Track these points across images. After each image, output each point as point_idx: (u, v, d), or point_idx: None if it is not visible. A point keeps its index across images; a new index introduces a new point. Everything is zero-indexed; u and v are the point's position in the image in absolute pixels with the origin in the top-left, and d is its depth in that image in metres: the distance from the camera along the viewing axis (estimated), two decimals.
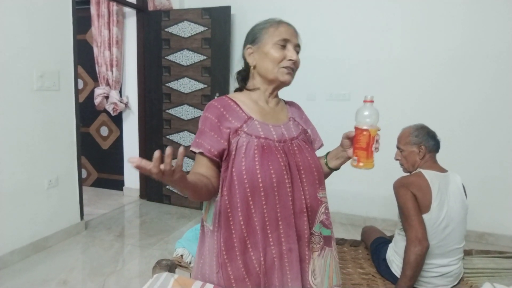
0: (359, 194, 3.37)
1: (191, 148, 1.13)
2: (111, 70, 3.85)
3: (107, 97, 3.92)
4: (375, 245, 2.02)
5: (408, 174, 1.85)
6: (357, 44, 3.28)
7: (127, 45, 3.93)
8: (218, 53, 3.53)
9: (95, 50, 3.90)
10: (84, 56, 3.98)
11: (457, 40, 3.00)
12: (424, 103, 3.12)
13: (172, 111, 3.79)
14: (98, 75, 3.94)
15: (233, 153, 1.09)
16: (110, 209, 3.74)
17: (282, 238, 1.09)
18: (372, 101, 1.08)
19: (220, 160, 1.11)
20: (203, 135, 1.12)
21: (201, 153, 1.10)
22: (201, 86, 3.63)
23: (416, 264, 1.62)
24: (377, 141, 1.09)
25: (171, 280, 1.07)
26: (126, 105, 3.99)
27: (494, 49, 2.91)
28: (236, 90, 1.27)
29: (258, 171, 1.06)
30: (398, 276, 1.72)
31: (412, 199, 1.67)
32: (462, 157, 2.99)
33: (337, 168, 1.26)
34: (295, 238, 1.10)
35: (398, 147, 1.90)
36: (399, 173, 1.89)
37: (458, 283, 1.79)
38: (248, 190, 1.06)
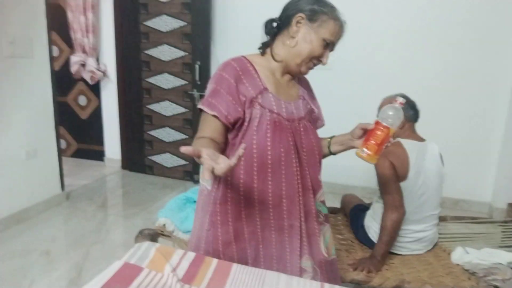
0: (340, 163, 3.41)
1: (201, 106, 1.06)
2: (87, 37, 3.70)
3: (84, 65, 3.79)
4: (353, 212, 2.08)
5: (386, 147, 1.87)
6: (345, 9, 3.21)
7: (103, 10, 3.76)
8: (198, 19, 3.42)
9: (70, 15, 3.72)
10: (58, 22, 3.79)
11: (447, 7, 2.98)
12: (405, 73, 3.13)
13: (151, 80, 3.70)
14: (73, 42, 3.78)
15: (246, 124, 1.06)
16: (92, 179, 3.70)
17: (285, 214, 1.11)
18: (402, 104, 1.08)
19: (232, 127, 1.07)
20: (218, 96, 1.05)
21: (214, 116, 1.04)
22: (181, 53, 3.54)
23: (392, 230, 1.68)
24: (389, 141, 1.09)
25: (152, 249, 1.07)
26: (104, 73, 3.86)
27: (480, 20, 2.91)
28: (259, 49, 1.18)
29: (269, 148, 1.05)
30: (375, 242, 1.78)
31: (390, 168, 1.70)
32: (441, 126, 3.04)
33: (336, 153, 1.27)
34: (298, 216, 1.12)
35: (378, 117, 1.91)
36: None
37: (433, 247, 1.86)
38: (255, 164, 1.06)
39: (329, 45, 1.11)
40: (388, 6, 3.11)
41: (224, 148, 1.10)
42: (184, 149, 0.79)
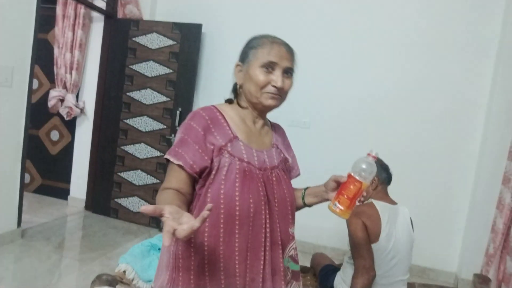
0: (311, 222, 3.40)
1: (167, 156, 1.03)
2: (70, 73, 3.70)
3: (62, 100, 3.75)
4: (323, 272, 2.03)
5: (360, 203, 1.89)
6: (321, 74, 3.38)
7: (91, 49, 3.81)
8: (185, 68, 3.51)
9: (56, 51, 3.75)
10: (43, 56, 3.80)
11: (410, 75, 3.19)
12: (379, 137, 3.26)
13: (130, 121, 3.68)
14: (55, 77, 3.77)
15: (213, 173, 1.02)
16: (52, 218, 3.50)
17: (248, 269, 1.03)
18: (375, 158, 1.07)
19: (198, 177, 1.03)
20: (185, 145, 1.02)
21: (180, 166, 1.01)
22: (164, 98, 3.57)
23: None
24: (363, 195, 1.06)
25: None
26: (82, 110, 3.82)
27: (446, 92, 3.12)
28: (227, 101, 1.19)
29: (237, 198, 1.00)
30: None
31: (362, 228, 1.70)
32: (411, 193, 3.11)
33: (310, 205, 1.21)
34: (260, 270, 1.04)
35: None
36: None
37: None
38: (222, 216, 1.00)
39: (273, 67, 1.07)
40: (357, 71, 3.31)
41: (191, 200, 1.06)
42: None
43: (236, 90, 1.17)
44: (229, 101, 1.18)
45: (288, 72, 1.11)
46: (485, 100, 3.04)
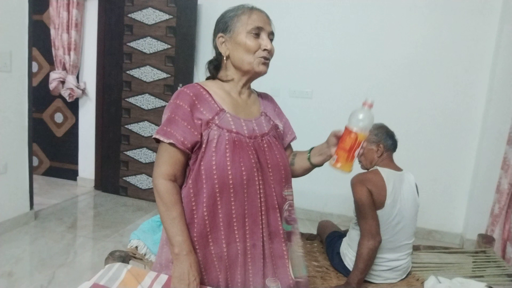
0: (317, 190, 3.45)
1: (157, 136, 1.05)
2: (69, 54, 3.67)
3: (63, 82, 3.73)
4: (329, 239, 2.07)
5: (366, 171, 1.91)
6: (323, 43, 3.32)
7: (87, 29, 3.76)
8: (182, 43, 3.46)
9: (52, 32, 3.70)
10: (40, 38, 3.76)
11: (414, 44, 3.13)
12: (384, 104, 3.22)
13: (132, 100, 3.68)
14: (54, 59, 3.74)
15: (204, 146, 1.05)
16: (63, 199, 3.57)
17: (247, 234, 1.08)
18: (371, 106, 1.04)
19: (190, 152, 1.07)
20: (173, 123, 1.05)
21: (171, 144, 1.04)
22: (164, 75, 3.55)
23: (368, 258, 1.68)
24: (362, 147, 1.05)
25: (123, 270, 1.04)
26: (83, 91, 3.82)
27: (454, 53, 3.06)
28: (208, 78, 1.21)
29: (229, 167, 1.04)
30: (351, 269, 1.78)
31: (368, 195, 1.72)
32: (416, 157, 3.13)
33: (319, 165, 1.20)
34: (260, 235, 1.09)
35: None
36: (357, 169, 1.94)
37: (406, 276, 1.87)
38: (216, 186, 1.04)
39: (259, 32, 1.10)
40: (369, 42, 3.24)
41: (183, 179, 1.10)
42: None
43: (216, 65, 1.18)
44: (212, 78, 1.19)
45: (271, 38, 1.14)
46: (489, 62, 2.98)
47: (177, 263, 1.01)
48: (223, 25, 1.13)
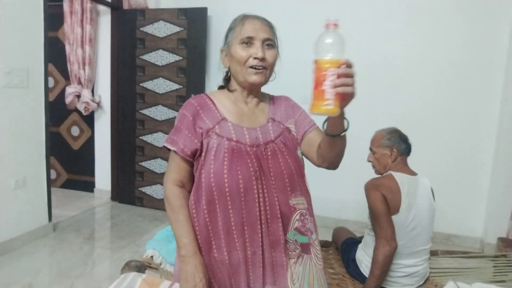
0: (331, 196, 3.42)
1: (164, 144, 1.13)
2: (84, 69, 3.76)
3: (78, 96, 3.82)
4: (345, 245, 2.05)
5: (379, 176, 1.89)
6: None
7: (101, 43, 3.85)
8: (194, 54, 3.52)
9: (67, 48, 3.80)
10: (55, 54, 3.86)
11: (427, 45, 3.10)
12: (398, 108, 3.20)
13: (146, 112, 3.74)
14: (69, 74, 3.84)
15: (203, 154, 1.09)
16: (80, 211, 3.64)
17: (247, 242, 1.08)
18: (335, 25, 0.83)
19: (193, 160, 1.11)
20: (178, 132, 1.12)
21: (175, 152, 1.10)
22: (176, 86, 3.60)
23: (384, 264, 1.66)
24: (337, 75, 0.84)
25: (138, 279, 1.05)
26: (98, 104, 3.90)
27: (467, 54, 3.03)
28: (220, 88, 1.25)
29: (225, 176, 1.05)
30: (367, 276, 1.75)
31: (382, 201, 1.71)
32: (431, 161, 3.08)
33: (334, 131, 1.02)
34: (259, 243, 1.08)
35: (370, 149, 1.93)
36: (371, 175, 1.93)
37: (424, 282, 1.84)
38: (215, 193, 1.06)
39: (251, 42, 1.08)
40: (369, 33, 3.23)
41: (190, 186, 1.14)
42: None
43: (228, 77, 1.21)
44: (221, 88, 1.24)
45: (268, 44, 1.10)
46: (503, 59, 2.94)
47: (183, 265, 1.04)
48: (225, 38, 1.17)
